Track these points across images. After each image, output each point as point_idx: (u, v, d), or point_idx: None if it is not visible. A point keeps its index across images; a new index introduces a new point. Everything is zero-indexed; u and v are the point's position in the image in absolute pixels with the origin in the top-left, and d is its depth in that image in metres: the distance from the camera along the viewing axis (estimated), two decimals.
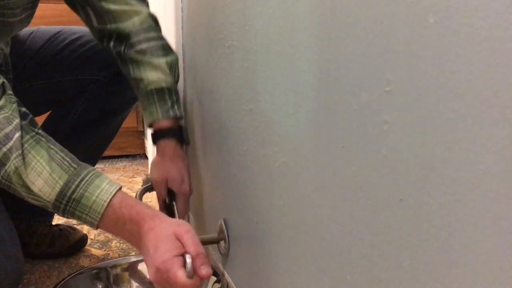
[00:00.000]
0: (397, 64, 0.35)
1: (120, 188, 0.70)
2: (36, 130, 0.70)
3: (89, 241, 1.20)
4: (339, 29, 0.43)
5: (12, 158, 0.66)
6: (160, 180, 0.93)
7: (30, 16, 0.89)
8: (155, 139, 0.95)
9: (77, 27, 1.10)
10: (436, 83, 0.31)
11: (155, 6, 1.68)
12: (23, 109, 0.71)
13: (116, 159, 2.05)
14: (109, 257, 1.13)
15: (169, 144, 0.94)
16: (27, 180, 0.67)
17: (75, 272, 0.89)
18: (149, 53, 0.94)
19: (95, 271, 0.91)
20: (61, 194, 0.68)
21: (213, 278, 0.87)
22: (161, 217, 0.68)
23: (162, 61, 0.95)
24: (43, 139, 0.70)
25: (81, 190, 0.68)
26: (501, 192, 0.27)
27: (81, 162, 0.71)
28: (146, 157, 2.07)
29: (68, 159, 0.70)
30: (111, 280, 0.91)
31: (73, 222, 1.33)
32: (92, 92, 1.09)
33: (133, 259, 0.95)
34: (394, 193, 0.37)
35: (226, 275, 0.87)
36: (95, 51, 1.07)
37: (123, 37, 0.95)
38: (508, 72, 0.26)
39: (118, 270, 0.93)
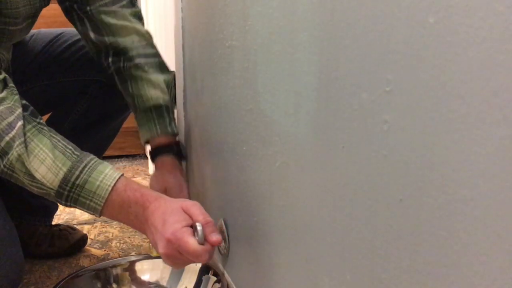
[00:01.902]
0: (397, 64, 0.35)
1: (123, 175, 0.71)
2: (37, 120, 0.71)
3: (89, 241, 1.20)
4: (339, 29, 0.43)
5: (15, 146, 0.66)
6: (158, 189, 0.94)
7: (31, 25, 0.91)
8: (154, 155, 0.97)
9: None
10: (436, 83, 0.31)
11: (155, 6, 1.68)
12: (24, 101, 0.71)
13: (116, 159, 2.05)
14: (109, 257, 1.13)
15: (168, 159, 0.96)
16: (30, 167, 0.67)
17: (75, 272, 0.89)
18: (147, 69, 0.97)
19: (95, 271, 0.91)
20: (64, 180, 0.68)
21: (213, 278, 0.87)
22: (166, 198, 0.70)
23: (160, 78, 0.97)
24: (45, 128, 0.71)
25: (84, 176, 0.68)
26: (501, 192, 0.27)
27: (83, 151, 0.72)
28: (146, 157, 2.06)
29: (70, 147, 0.71)
30: (111, 280, 0.91)
31: (73, 222, 1.33)
32: (94, 92, 1.09)
33: (133, 259, 0.95)
34: (394, 193, 0.37)
35: (226, 275, 0.87)
36: None
37: (120, 52, 0.96)
38: (508, 72, 0.26)
39: (118, 270, 0.92)
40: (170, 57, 1.21)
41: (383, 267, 0.39)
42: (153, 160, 0.98)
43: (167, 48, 1.28)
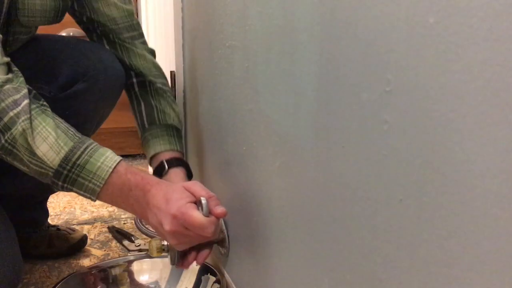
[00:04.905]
0: (397, 64, 0.35)
1: (123, 159, 0.71)
2: (41, 102, 0.71)
3: (89, 241, 1.19)
4: (339, 29, 0.43)
5: (20, 121, 0.67)
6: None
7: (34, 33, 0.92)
8: (169, 165, 0.92)
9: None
10: (436, 83, 0.31)
11: (155, 6, 1.68)
12: (28, 85, 0.72)
13: None
14: (109, 257, 1.13)
15: (180, 172, 0.92)
16: (32, 144, 0.67)
17: (75, 272, 0.89)
18: (169, 95, 0.99)
19: (94, 271, 0.91)
20: (65, 159, 0.68)
21: (213, 278, 0.87)
22: (166, 182, 0.71)
23: (177, 109, 0.99)
24: (48, 109, 0.71)
25: (86, 156, 0.68)
26: (501, 192, 0.27)
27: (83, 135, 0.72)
28: (145, 157, 2.06)
29: (72, 129, 0.71)
30: (111, 280, 0.91)
31: (73, 222, 1.33)
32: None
33: (132, 259, 0.95)
34: (394, 193, 0.37)
35: (226, 275, 0.87)
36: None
37: (140, 74, 0.98)
38: (508, 72, 0.26)
39: (118, 270, 0.92)
40: (170, 57, 1.21)
41: (383, 267, 0.39)
42: (163, 168, 0.93)
43: (167, 48, 1.28)
